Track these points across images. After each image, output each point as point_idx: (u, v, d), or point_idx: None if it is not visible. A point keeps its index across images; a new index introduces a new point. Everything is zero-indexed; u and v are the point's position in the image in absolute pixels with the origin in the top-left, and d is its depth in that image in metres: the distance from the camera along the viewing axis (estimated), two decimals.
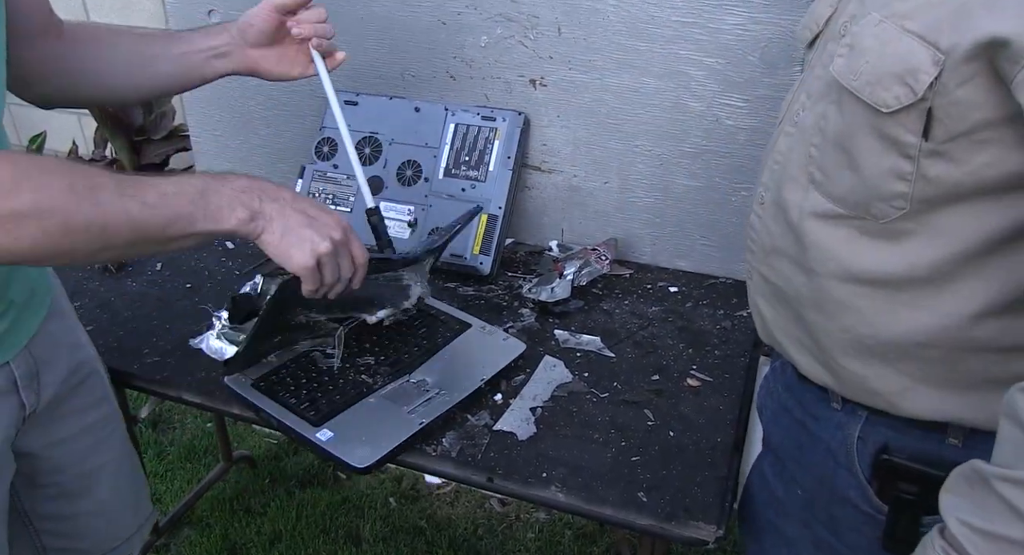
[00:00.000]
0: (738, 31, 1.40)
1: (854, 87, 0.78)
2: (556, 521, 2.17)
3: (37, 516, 1.20)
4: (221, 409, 1.26)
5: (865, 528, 0.92)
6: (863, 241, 0.82)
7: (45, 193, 0.79)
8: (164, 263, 1.63)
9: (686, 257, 1.64)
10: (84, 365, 1.19)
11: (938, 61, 0.70)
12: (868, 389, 0.87)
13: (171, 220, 0.87)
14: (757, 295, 1.01)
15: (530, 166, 1.68)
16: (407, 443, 1.12)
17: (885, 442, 0.89)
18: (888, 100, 0.74)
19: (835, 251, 0.84)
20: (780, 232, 0.92)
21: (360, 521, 2.18)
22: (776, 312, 0.98)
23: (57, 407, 1.13)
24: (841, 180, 0.83)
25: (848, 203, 0.82)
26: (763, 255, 0.97)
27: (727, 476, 1.10)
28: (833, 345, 0.88)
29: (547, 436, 1.17)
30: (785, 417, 1.03)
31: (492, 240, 1.57)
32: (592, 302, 1.52)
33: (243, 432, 2.49)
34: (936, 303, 0.80)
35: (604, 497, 1.06)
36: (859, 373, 0.87)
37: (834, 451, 0.93)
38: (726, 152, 1.51)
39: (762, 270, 0.98)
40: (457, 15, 1.58)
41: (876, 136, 0.77)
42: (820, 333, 0.90)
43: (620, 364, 1.34)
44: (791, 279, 0.92)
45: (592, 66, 1.54)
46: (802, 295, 0.90)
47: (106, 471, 1.24)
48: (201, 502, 2.23)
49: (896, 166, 0.77)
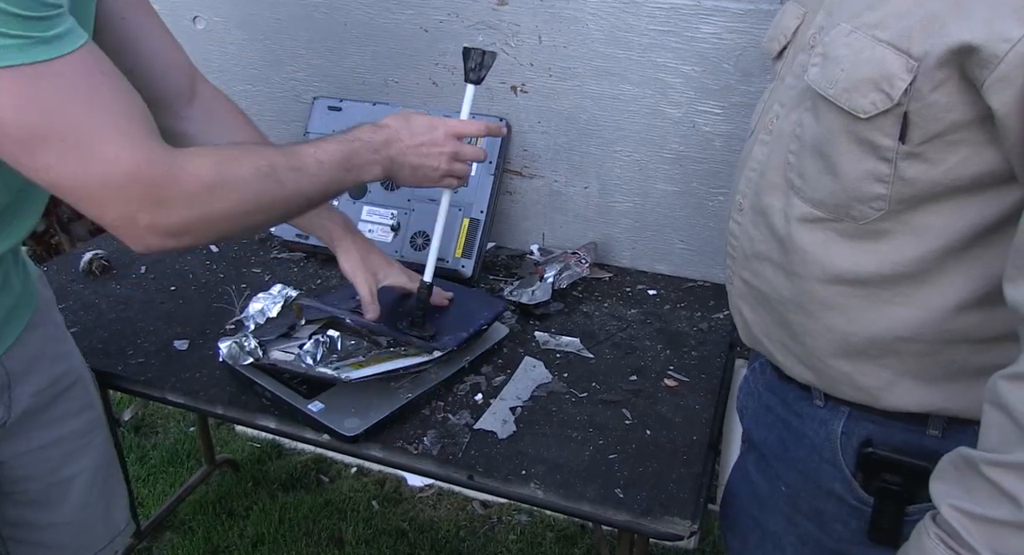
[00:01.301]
0: (714, 40, 1.44)
1: (830, 95, 0.80)
2: (537, 523, 2.19)
3: (6, 522, 1.18)
4: (205, 409, 1.27)
5: (851, 520, 0.95)
6: (843, 243, 0.85)
7: (244, 183, 0.89)
8: (148, 266, 1.64)
9: (664, 260, 1.67)
10: (67, 375, 1.18)
11: (911, 68, 0.73)
12: (853, 385, 0.90)
13: (327, 186, 1.01)
14: (739, 299, 1.03)
15: (511, 171, 1.70)
16: (395, 415, 1.18)
17: (868, 436, 0.92)
18: (865, 106, 0.77)
19: (817, 254, 0.87)
20: (761, 237, 0.95)
21: (343, 524, 2.18)
22: (758, 316, 1.00)
23: (32, 417, 1.12)
24: (820, 185, 0.85)
25: (828, 206, 0.85)
26: (744, 260, 0.99)
27: (702, 473, 1.13)
28: (817, 345, 0.91)
29: (527, 435, 1.19)
30: (768, 416, 1.05)
31: (474, 244, 1.59)
32: (572, 305, 1.54)
33: (226, 436, 2.50)
34: (918, 298, 0.83)
35: (582, 493, 1.09)
36: (844, 370, 0.90)
37: (818, 447, 0.96)
38: (703, 158, 1.54)
39: (743, 275, 1.00)
40: (439, 23, 1.61)
41: (853, 141, 0.80)
42: (804, 334, 0.92)
43: (599, 365, 1.36)
44: (773, 283, 0.94)
45: (572, 73, 1.57)
46: (785, 298, 0.93)
47: (80, 480, 1.22)
48: (183, 506, 2.24)
49: (874, 169, 0.80)
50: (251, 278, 1.61)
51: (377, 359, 1.21)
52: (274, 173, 0.93)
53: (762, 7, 1.39)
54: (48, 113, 0.76)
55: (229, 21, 1.78)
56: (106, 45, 0.89)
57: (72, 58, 0.78)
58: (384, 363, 1.20)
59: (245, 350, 1.21)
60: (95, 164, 0.79)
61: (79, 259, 1.62)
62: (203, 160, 0.87)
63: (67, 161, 0.78)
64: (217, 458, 2.33)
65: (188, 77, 1.18)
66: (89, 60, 0.80)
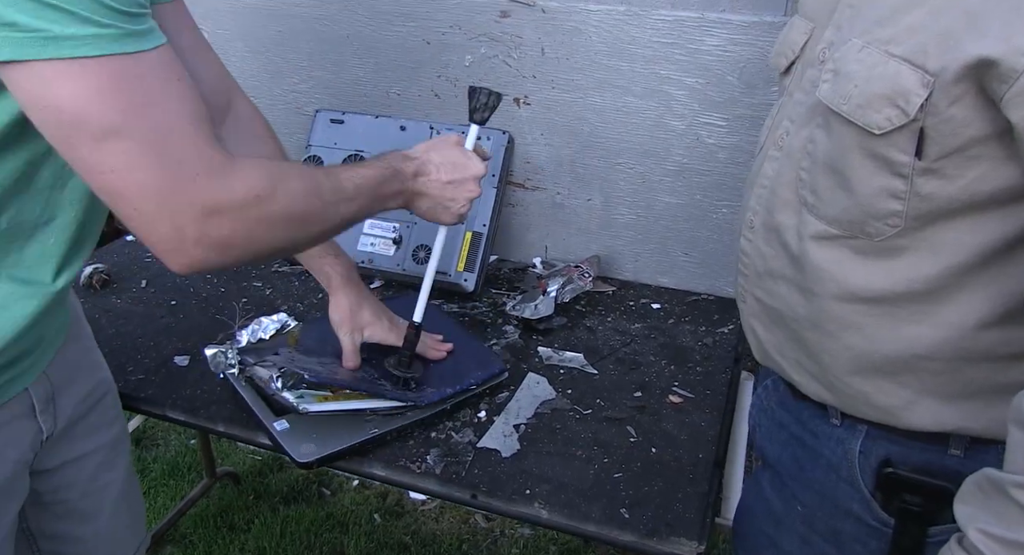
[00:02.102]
0: (718, 52, 1.43)
1: (844, 111, 0.79)
2: (540, 536, 2.17)
3: (43, 536, 1.19)
4: (205, 427, 1.26)
5: (871, 541, 0.94)
6: (858, 260, 0.84)
7: (292, 198, 0.88)
8: (148, 280, 1.63)
9: (668, 274, 1.66)
10: (100, 385, 1.20)
11: (927, 83, 0.72)
12: (871, 404, 0.88)
13: (359, 211, 1.01)
14: (752, 318, 1.02)
15: (514, 183, 1.69)
16: (356, 448, 1.15)
17: (887, 455, 0.90)
18: (879, 122, 0.76)
19: (832, 272, 0.86)
20: (774, 254, 0.94)
21: (344, 537, 2.17)
22: (772, 334, 0.98)
23: (72, 427, 1.14)
24: (834, 201, 0.84)
25: (842, 224, 0.84)
26: (757, 278, 0.98)
27: (708, 492, 1.11)
28: (834, 363, 0.89)
29: (530, 453, 1.17)
30: (781, 434, 1.04)
31: (476, 257, 1.58)
32: (575, 319, 1.53)
33: (227, 448, 2.48)
34: (936, 316, 0.81)
35: (587, 513, 1.07)
36: (861, 389, 0.88)
37: (835, 466, 0.94)
38: (707, 170, 1.53)
39: (756, 293, 0.99)
40: (442, 35, 1.60)
41: (867, 157, 0.79)
42: (820, 352, 0.90)
43: (603, 381, 1.35)
44: (788, 300, 0.93)
45: (575, 85, 1.56)
46: (800, 316, 0.91)
47: (112, 490, 1.24)
48: (184, 519, 2.22)
49: (889, 185, 0.79)
50: (252, 292, 1.60)
51: (347, 396, 1.18)
52: (319, 191, 0.92)
53: (766, 19, 1.38)
54: (129, 108, 0.74)
55: (231, 33, 1.77)
56: None
57: (155, 55, 0.76)
58: (352, 401, 1.17)
59: (226, 361, 1.22)
60: (160, 167, 0.76)
61: (80, 273, 1.60)
62: (257, 170, 0.85)
63: (134, 162, 0.75)
64: (218, 471, 2.32)
65: (225, 95, 1.17)
66: (167, 60, 0.78)
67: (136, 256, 1.73)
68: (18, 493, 1.06)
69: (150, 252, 0.83)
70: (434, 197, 1.11)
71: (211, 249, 0.82)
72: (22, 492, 1.07)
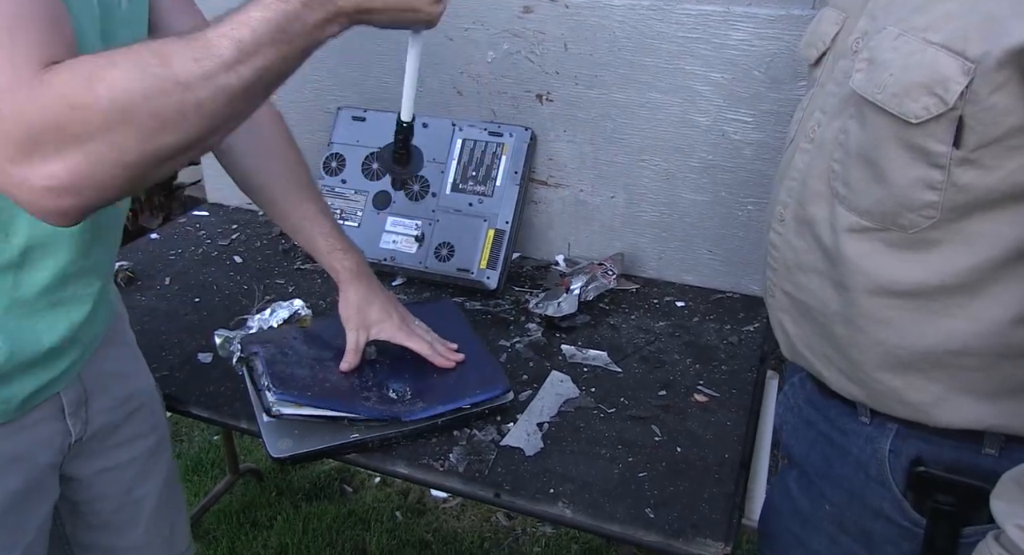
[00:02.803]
0: (744, 46, 1.41)
1: (879, 100, 0.78)
2: (563, 535, 2.16)
3: (78, 545, 1.18)
4: (229, 424, 1.26)
5: (902, 542, 0.92)
6: (891, 253, 0.83)
7: (125, 92, 0.65)
8: (172, 277, 1.64)
9: (692, 271, 1.64)
10: (135, 396, 1.17)
11: (968, 70, 0.71)
12: (902, 401, 0.87)
13: (265, 71, 0.71)
14: (781, 312, 1.01)
15: (537, 181, 1.68)
16: (335, 449, 1.14)
17: (918, 454, 0.88)
18: (917, 111, 0.75)
19: (864, 265, 0.84)
20: (805, 248, 0.92)
21: (366, 535, 2.17)
22: (801, 328, 0.97)
23: (108, 436, 1.12)
24: (867, 193, 0.83)
25: (875, 216, 0.83)
26: (787, 272, 0.97)
27: (734, 492, 1.10)
28: (865, 359, 0.88)
29: (554, 452, 1.16)
30: (809, 431, 1.02)
31: (499, 255, 1.57)
32: (599, 317, 1.52)
33: (250, 445, 2.49)
34: (971, 310, 0.80)
35: (611, 513, 1.06)
36: (892, 386, 0.87)
37: (865, 465, 0.93)
38: (732, 166, 1.51)
39: (786, 287, 0.98)
40: (464, 31, 1.60)
41: (903, 147, 0.78)
42: (851, 347, 0.89)
43: (627, 379, 1.34)
44: (820, 295, 0.91)
45: (598, 81, 1.54)
46: (831, 310, 0.90)
47: (148, 502, 1.22)
48: (208, 515, 2.23)
49: (925, 176, 0.77)
50: (275, 289, 1.60)
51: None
52: (168, 70, 0.66)
53: (793, 12, 1.36)
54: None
55: None
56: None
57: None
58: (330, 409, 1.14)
59: (229, 347, 1.23)
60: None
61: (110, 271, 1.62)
62: (68, 74, 0.65)
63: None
64: (241, 467, 2.33)
65: None
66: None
67: (160, 253, 1.74)
68: (48, 494, 1.05)
69: (174, 251, 0.80)
70: (388, 3, 0.81)
71: (53, 191, 0.65)
72: (52, 493, 1.06)
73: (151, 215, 2.85)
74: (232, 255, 1.73)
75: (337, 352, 1.24)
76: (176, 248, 1.76)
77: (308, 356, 1.23)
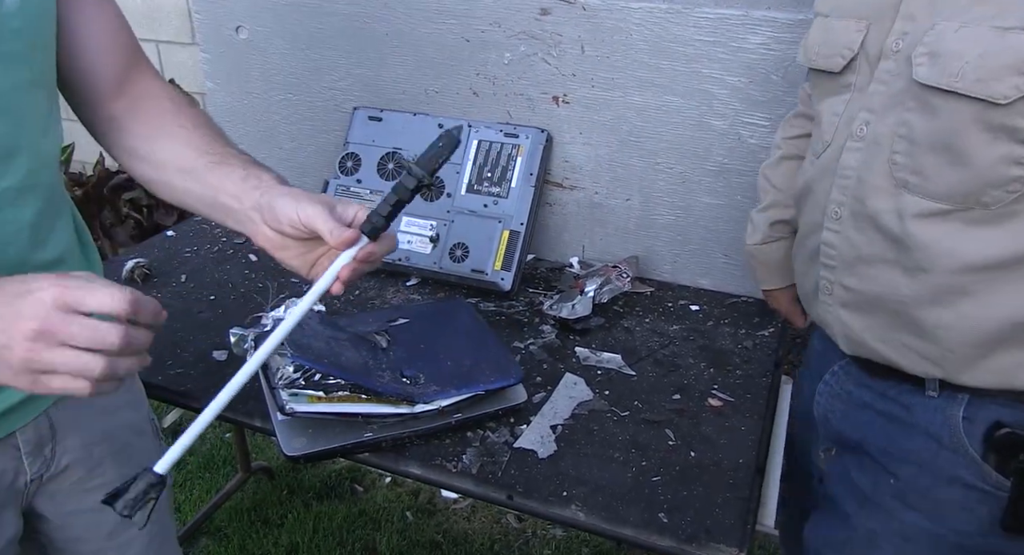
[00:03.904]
0: (761, 50, 1.40)
1: (958, 87, 0.81)
2: (573, 538, 2.16)
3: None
4: (243, 422, 1.27)
5: (979, 507, 0.94)
6: (972, 231, 0.86)
7: None
8: (188, 275, 1.65)
9: (707, 275, 1.64)
10: (119, 433, 1.09)
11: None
12: (989, 370, 0.90)
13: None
14: (841, 308, 1.03)
15: (552, 182, 1.68)
16: (349, 448, 1.14)
17: (997, 418, 0.91)
18: (1006, 91, 0.79)
19: (944, 246, 0.88)
20: (868, 241, 0.96)
21: (377, 534, 2.17)
22: (868, 319, 1.00)
23: (84, 478, 1.05)
24: (943, 177, 0.86)
25: (954, 198, 0.86)
26: (848, 267, 1.00)
27: (749, 498, 1.09)
28: (950, 336, 0.91)
29: (567, 454, 1.16)
30: (864, 414, 1.05)
31: (513, 256, 1.57)
32: (613, 319, 1.51)
33: (262, 443, 2.50)
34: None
35: (625, 517, 1.06)
36: (977, 356, 0.90)
37: (935, 435, 0.96)
38: (748, 170, 1.51)
39: (847, 282, 1.00)
40: (481, 33, 1.60)
41: (985, 129, 0.82)
42: (934, 328, 0.92)
43: (641, 383, 1.33)
44: (890, 283, 0.95)
45: (615, 84, 1.54)
46: (905, 295, 0.93)
47: (134, 547, 1.15)
48: (219, 512, 2.24)
49: (1011, 153, 0.81)
50: (289, 287, 1.60)
51: (339, 399, 1.14)
52: None
53: (811, 17, 1.35)
54: None
55: (271, 31, 1.78)
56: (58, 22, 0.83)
57: None
58: (345, 404, 1.13)
59: (243, 345, 1.23)
60: None
61: (121, 267, 1.63)
62: None
63: None
64: (253, 465, 2.34)
65: (121, 68, 0.98)
66: None
67: (176, 251, 1.74)
68: (2, 530, 0.97)
69: (190, 248, 0.76)
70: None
71: None
72: (6, 530, 0.98)
73: (166, 212, 2.87)
74: (247, 253, 1.74)
75: (352, 336, 1.24)
76: (192, 246, 1.77)
77: (324, 334, 1.22)
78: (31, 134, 0.89)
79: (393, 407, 1.16)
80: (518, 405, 1.23)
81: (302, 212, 0.83)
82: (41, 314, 0.66)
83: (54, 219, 0.96)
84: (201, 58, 1.90)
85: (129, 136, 0.99)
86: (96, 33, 0.97)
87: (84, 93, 0.99)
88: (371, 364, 1.20)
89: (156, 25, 2.98)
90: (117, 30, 1.00)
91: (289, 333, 0.85)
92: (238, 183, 0.91)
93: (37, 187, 0.90)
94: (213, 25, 1.83)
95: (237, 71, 1.87)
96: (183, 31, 2.99)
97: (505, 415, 1.22)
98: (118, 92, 0.99)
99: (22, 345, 0.66)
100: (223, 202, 0.92)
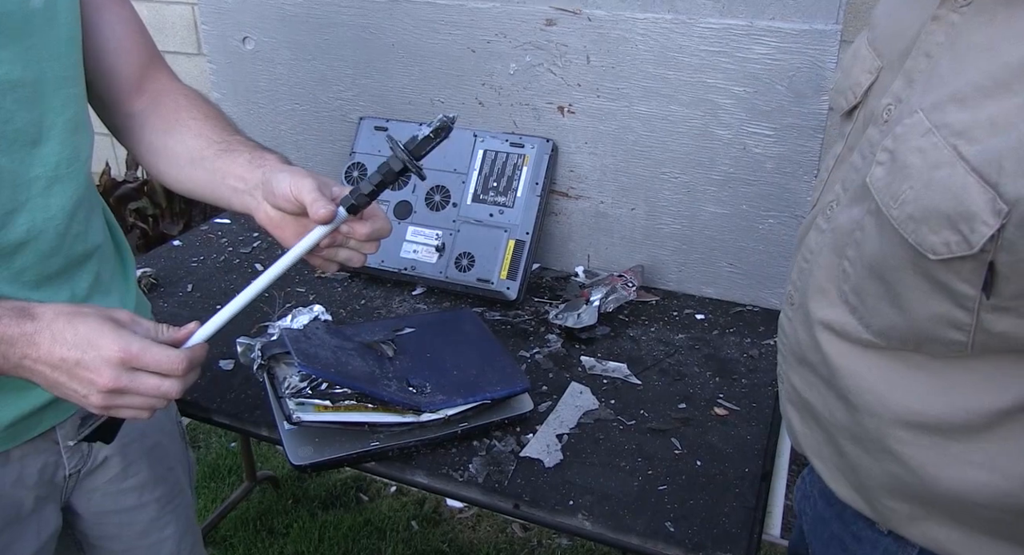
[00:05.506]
0: (766, 60, 1.41)
1: (894, 217, 0.64)
2: (578, 547, 2.15)
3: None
4: (250, 431, 1.27)
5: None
6: (909, 375, 0.70)
7: None
8: (194, 284, 1.65)
9: (713, 284, 1.64)
10: (151, 432, 1.14)
11: (1000, 212, 0.56)
12: (917, 531, 0.76)
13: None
14: (788, 403, 0.91)
15: (557, 192, 1.69)
16: (355, 457, 1.14)
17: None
18: (936, 246, 0.61)
19: (873, 385, 0.72)
20: (808, 344, 0.81)
21: (382, 544, 2.17)
22: (808, 429, 0.87)
23: (117, 478, 1.10)
24: (880, 313, 0.70)
25: (891, 339, 0.70)
26: (795, 363, 0.86)
27: (755, 507, 1.09)
28: (873, 485, 0.77)
29: (574, 463, 1.16)
30: (823, 530, 0.93)
31: (519, 265, 1.58)
32: (618, 328, 1.52)
33: (267, 452, 2.50)
34: (1000, 461, 0.67)
35: (631, 526, 1.06)
36: (907, 515, 0.75)
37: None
38: (753, 180, 1.51)
39: (793, 379, 0.87)
40: (487, 43, 1.61)
41: (921, 275, 0.64)
42: (859, 468, 0.78)
43: (647, 392, 1.33)
44: (824, 401, 0.81)
45: (620, 94, 1.55)
46: (838, 422, 0.79)
47: (166, 547, 1.20)
48: (225, 522, 2.24)
49: (949, 315, 0.64)
50: (295, 297, 1.61)
51: (346, 408, 1.14)
52: None
53: (817, 27, 1.36)
54: None
55: (278, 42, 1.79)
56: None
57: None
58: (352, 413, 1.14)
59: (250, 355, 1.24)
60: None
61: None
62: None
63: None
64: (258, 474, 2.34)
65: (140, 66, 1.04)
66: None
67: (183, 260, 1.75)
68: (44, 525, 1.01)
69: (196, 258, 0.80)
70: (47, 376, 0.80)
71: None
72: (45, 526, 1.03)
73: (171, 222, 2.88)
74: (253, 263, 1.75)
75: (359, 345, 1.25)
76: (198, 255, 1.78)
77: (330, 343, 1.23)
78: (61, 127, 0.92)
79: (399, 416, 1.16)
80: (524, 414, 1.23)
81: (294, 185, 0.87)
82: (107, 374, 0.78)
83: (88, 213, 1.00)
84: (208, 69, 1.92)
85: (148, 131, 1.04)
86: (118, 34, 1.02)
87: (107, 92, 1.03)
88: (377, 373, 1.20)
89: (163, 35, 3.00)
90: (136, 30, 1.05)
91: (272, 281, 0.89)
92: (244, 165, 0.95)
93: (67, 178, 0.93)
94: (220, 36, 1.84)
95: (243, 82, 1.88)
96: (189, 42, 3.01)
97: (511, 424, 1.22)
98: (139, 90, 1.05)
99: (97, 396, 0.80)
100: (230, 184, 0.96)
